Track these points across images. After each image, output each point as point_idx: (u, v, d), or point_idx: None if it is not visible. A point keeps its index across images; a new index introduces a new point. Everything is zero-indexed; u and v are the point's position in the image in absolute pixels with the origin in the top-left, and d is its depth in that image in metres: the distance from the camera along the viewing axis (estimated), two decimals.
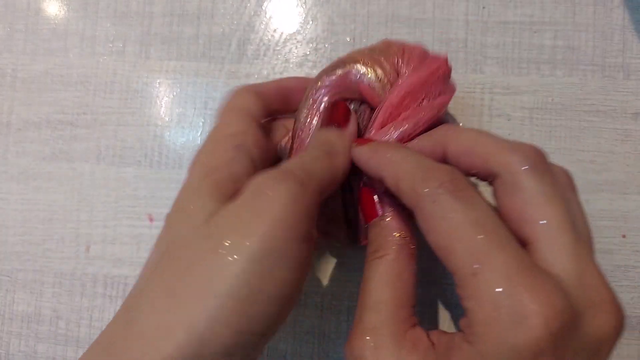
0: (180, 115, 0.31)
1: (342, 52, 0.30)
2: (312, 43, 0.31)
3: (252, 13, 0.32)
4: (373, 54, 0.24)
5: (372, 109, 0.24)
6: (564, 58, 0.30)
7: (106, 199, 0.31)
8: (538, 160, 0.18)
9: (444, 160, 0.21)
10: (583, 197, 0.29)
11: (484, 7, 0.31)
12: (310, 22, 0.31)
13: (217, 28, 0.31)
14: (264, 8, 0.32)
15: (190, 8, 0.32)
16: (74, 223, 0.31)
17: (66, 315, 0.30)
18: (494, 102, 0.30)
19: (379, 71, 0.23)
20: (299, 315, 0.29)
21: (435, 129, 0.22)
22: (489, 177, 0.20)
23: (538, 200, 0.17)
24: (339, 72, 0.24)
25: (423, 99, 0.23)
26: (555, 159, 0.29)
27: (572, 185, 0.20)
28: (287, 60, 0.31)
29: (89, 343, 0.30)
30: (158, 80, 0.31)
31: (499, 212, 0.19)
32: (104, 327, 0.30)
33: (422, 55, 0.24)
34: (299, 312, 0.29)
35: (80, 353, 0.30)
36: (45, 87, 0.32)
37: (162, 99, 0.31)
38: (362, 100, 0.24)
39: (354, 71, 0.24)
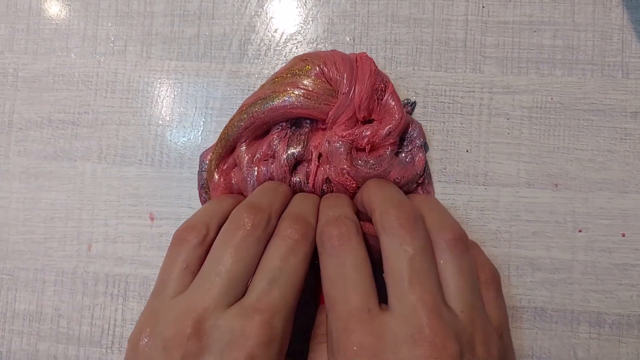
0: (181, 115, 0.31)
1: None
2: (312, 43, 0.31)
3: (253, 13, 0.32)
4: (285, 80, 0.28)
5: (311, 121, 0.28)
6: (563, 57, 0.30)
7: (107, 197, 0.31)
8: (397, 223, 0.21)
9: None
10: (582, 195, 0.29)
11: (483, 7, 0.31)
12: (311, 22, 0.31)
13: (218, 28, 0.32)
14: (264, 8, 0.32)
15: (191, 8, 0.32)
16: (76, 222, 0.31)
17: (67, 313, 0.31)
18: (493, 102, 0.30)
19: (297, 91, 0.27)
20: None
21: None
22: None
23: (388, 256, 0.21)
24: (268, 105, 0.27)
25: (378, 92, 0.28)
26: (554, 158, 0.29)
27: (448, 244, 0.22)
28: (287, 61, 0.31)
29: (90, 341, 0.30)
30: (159, 80, 0.32)
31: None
32: (105, 326, 0.30)
33: (344, 58, 0.28)
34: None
35: (82, 352, 0.30)
36: (47, 86, 0.32)
37: (163, 98, 0.31)
38: (295, 119, 0.28)
39: (280, 102, 0.27)
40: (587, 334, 0.29)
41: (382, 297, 0.21)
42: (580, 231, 0.29)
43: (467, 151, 0.30)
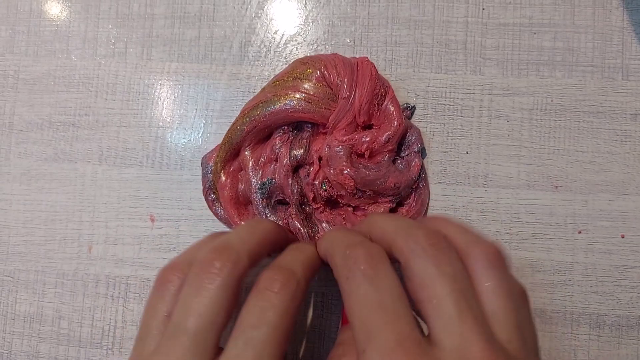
0: (181, 117, 0.31)
1: (342, 54, 0.31)
2: (312, 45, 0.31)
3: (253, 15, 0.32)
4: (286, 83, 0.28)
5: (312, 125, 0.28)
6: (563, 59, 0.30)
7: (108, 199, 0.31)
8: (427, 244, 0.19)
9: None
10: (582, 197, 0.29)
11: (483, 9, 0.31)
12: (311, 24, 0.31)
13: (218, 30, 0.32)
14: (264, 10, 0.32)
15: (192, 10, 0.32)
16: (76, 224, 0.31)
17: (68, 315, 0.31)
18: (493, 104, 0.30)
19: (298, 95, 0.27)
20: (298, 315, 0.29)
21: (367, 216, 0.25)
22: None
23: (425, 282, 0.18)
24: (270, 109, 0.27)
25: (378, 97, 0.28)
26: (554, 159, 0.30)
27: (484, 263, 0.20)
28: (287, 62, 0.31)
29: (91, 343, 0.30)
30: (160, 82, 0.32)
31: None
32: (105, 327, 0.30)
33: (345, 62, 0.28)
34: (300, 312, 0.29)
35: (82, 353, 0.30)
36: (48, 88, 0.32)
37: (164, 100, 0.31)
38: (296, 123, 0.28)
39: (282, 106, 0.27)
40: (587, 336, 0.29)
41: None
42: (580, 233, 0.29)
43: (467, 153, 0.30)
